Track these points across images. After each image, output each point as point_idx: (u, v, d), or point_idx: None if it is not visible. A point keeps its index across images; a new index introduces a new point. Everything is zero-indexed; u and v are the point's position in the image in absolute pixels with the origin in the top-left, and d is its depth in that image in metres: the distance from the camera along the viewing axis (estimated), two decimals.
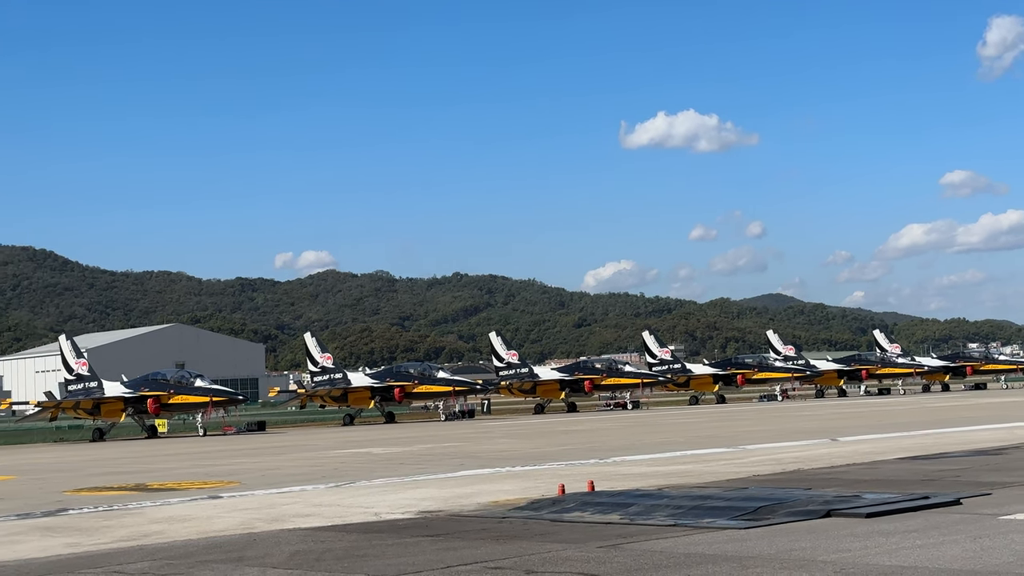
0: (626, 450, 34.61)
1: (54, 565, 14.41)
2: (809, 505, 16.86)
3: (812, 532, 14.57)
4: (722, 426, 50.29)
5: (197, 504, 22.32)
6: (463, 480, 25.57)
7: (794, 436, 38.51)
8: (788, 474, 23.52)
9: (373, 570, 12.84)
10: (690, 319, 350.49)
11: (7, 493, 27.60)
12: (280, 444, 50.78)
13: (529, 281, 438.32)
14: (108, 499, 24.31)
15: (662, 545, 13.95)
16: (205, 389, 67.91)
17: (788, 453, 30.11)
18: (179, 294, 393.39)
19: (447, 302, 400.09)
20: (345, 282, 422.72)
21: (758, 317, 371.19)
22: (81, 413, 71.29)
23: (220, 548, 15.32)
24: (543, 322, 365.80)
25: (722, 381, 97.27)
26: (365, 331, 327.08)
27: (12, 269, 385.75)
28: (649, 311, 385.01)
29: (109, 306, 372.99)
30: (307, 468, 32.41)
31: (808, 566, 11.96)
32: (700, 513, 16.68)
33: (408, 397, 78.03)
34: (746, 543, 13.87)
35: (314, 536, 16.18)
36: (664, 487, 21.08)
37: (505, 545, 14.47)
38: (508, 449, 38.53)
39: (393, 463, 33.13)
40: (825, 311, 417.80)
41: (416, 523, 17.41)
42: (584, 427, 55.66)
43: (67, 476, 33.50)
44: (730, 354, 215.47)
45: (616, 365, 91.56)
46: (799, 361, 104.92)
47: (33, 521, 20.31)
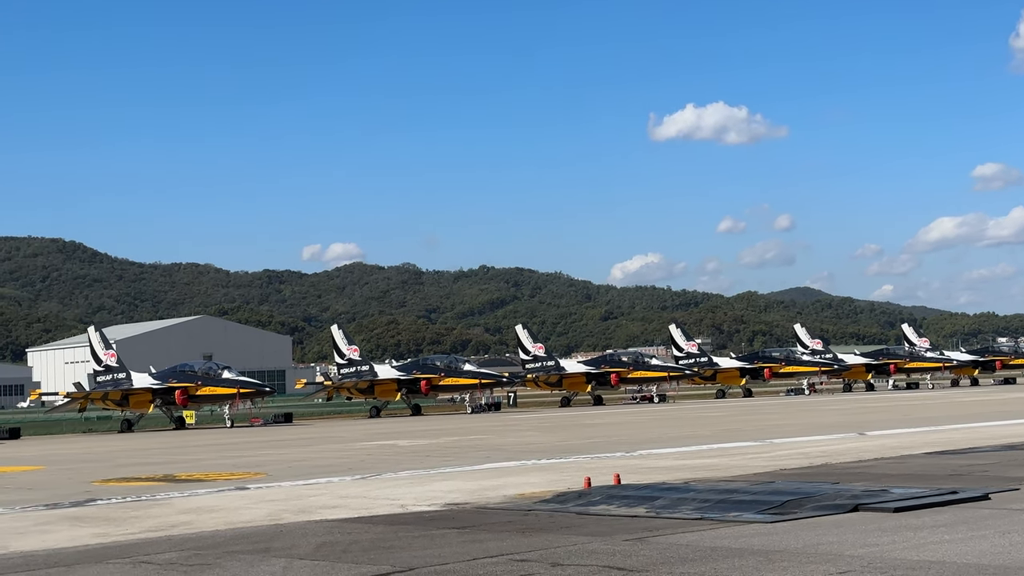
0: (652, 443, 34.56)
1: (83, 555, 14.49)
2: (836, 499, 16.79)
3: (839, 526, 14.51)
4: (749, 420, 50.13)
5: (224, 495, 22.41)
6: (489, 473, 25.59)
7: (821, 430, 38.36)
8: (815, 468, 23.42)
9: (400, 562, 12.86)
10: (717, 312, 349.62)
11: (37, 483, 27.80)
12: (307, 436, 50.92)
13: (556, 274, 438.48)
14: (136, 490, 24.44)
15: (688, 538, 13.92)
16: (233, 381, 68.15)
17: (815, 447, 30.00)
18: (207, 286, 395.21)
19: (474, 295, 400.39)
20: (372, 274, 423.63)
21: (785, 311, 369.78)
22: (110, 404, 71.63)
23: (247, 539, 15.38)
24: (569, 315, 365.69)
25: (749, 375, 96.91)
26: (392, 323, 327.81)
27: (42, 261, 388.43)
28: (676, 304, 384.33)
29: (138, 298, 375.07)
30: (334, 460, 32.49)
31: (835, 560, 11.91)
32: (726, 507, 16.63)
33: (434, 390, 78.09)
34: (773, 537, 13.83)
35: (340, 528, 16.21)
36: (690, 480, 21.03)
37: (531, 538, 14.47)
38: (534, 442, 38.53)
39: (419, 455, 33.18)
40: (853, 305, 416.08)
41: (442, 515, 17.43)
42: (610, 420, 55.59)
43: (96, 467, 33.70)
44: (757, 348, 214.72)
45: (643, 358, 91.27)
46: (827, 355, 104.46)
47: (62, 511, 20.44)
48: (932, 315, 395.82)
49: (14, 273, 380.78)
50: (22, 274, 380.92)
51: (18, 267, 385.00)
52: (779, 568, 11.57)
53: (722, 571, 11.50)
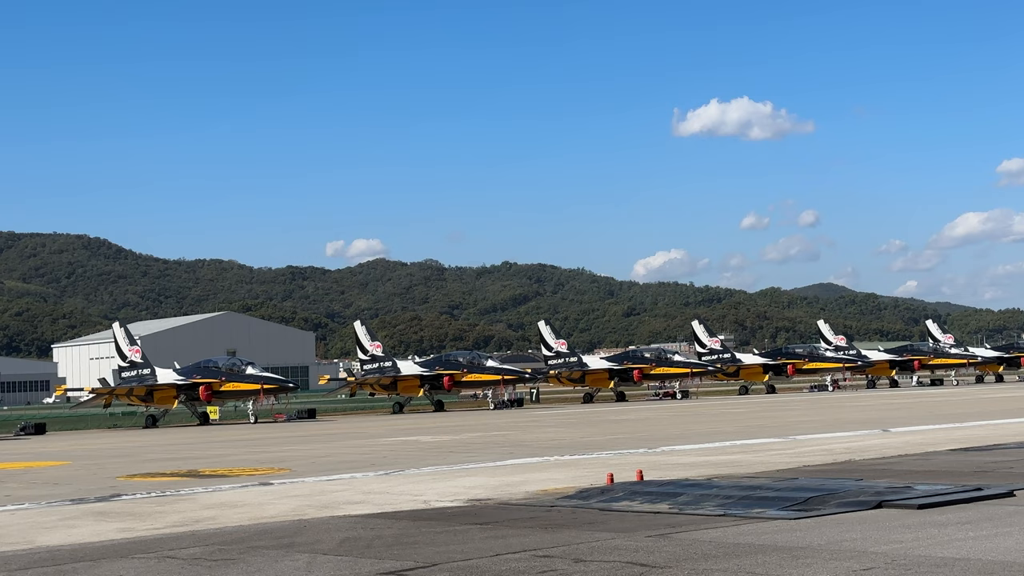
0: (675, 440, 34.53)
1: (108, 549, 14.58)
2: (860, 496, 16.74)
3: (863, 523, 14.47)
4: (772, 416, 50.01)
5: (248, 490, 22.50)
6: (512, 468, 25.61)
7: (845, 427, 38.23)
8: (839, 465, 23.36)
9: (422, 557, 12.89)
10: (740, 309, 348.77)
11: (62, 478, 27.96)
12: (330, 432, 51.06)
13: (578, 270, 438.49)
14: (161, 485, 24.56)
15: (711, 535, 13.91)
16: (256, 377, 68.35)
17: (839, 444, 29.91)
18: (231, 282, 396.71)
19: (496, 291, 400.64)
20: (395, 271, 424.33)
21: (809, 307, 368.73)
22: (134, 400, 71.97)
23: (271, 534, 15.44)
24: (592, 311, 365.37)
25: (772, 371, 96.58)
26: (414, 320, 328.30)
27: (67, 257, 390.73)
28: (698, 300, 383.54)
29: (162, 294, 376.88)
30: (357, 456, 32.57)
31: (859, 557, 11.88)
32: (750, 503, 16.61)
33: (457, 386, 78.13)
34: (796, 533, 13.80)
35: (364, 523, 16.26)
36: (713, 477, 21.01)
37: (554, 534, 14.48)
38: (557, 438, 38.53)
39: (442, 451, 33.23)
40: (877, 301, 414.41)
41: (465, 511, 17.46)
42: (633, 416, 55.55)
43: (121, 462, 33.88)
44: (780, 344, 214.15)
45: (665, 354, 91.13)
46: (850, 351, 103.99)
47: (87, 506, 20.56)
48: (956, 311, 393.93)
49: (40, 270, 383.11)
50: (47, 271, 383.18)
51: (43, 264, 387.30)
52: (802, 565, 11.55)
53: (745, 567, 11.49)
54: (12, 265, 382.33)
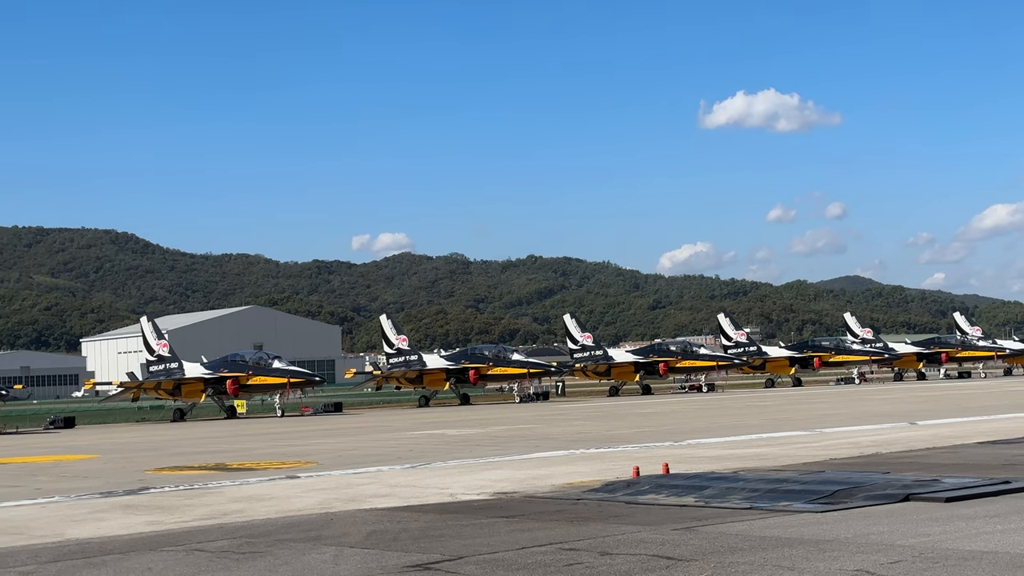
0: (701, 433, 34.49)
1: (136, 542, 14.67)
2: (887, 489, 16.68)
3: (890, 516, 14.42)
4: (798, 409, 49.87)
5: (275, 484, 22.60)
6: (538, 462, 25.63)
7: (872, 419, 38.10)
8: (866, 458, 23.28)
9: (449, 550, 12.92)
10: (766, 301, 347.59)
11: (91, 472, 28.15)
12: (356, 425, 51.21)
13: (604, 263, 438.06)
14: (188, 478, 24.70)
15: (737, 528, 13.89)
16: (283, 370, 68.63)
17: (866, 437, 29.81)
18: (257, 276, 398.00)
19: (522, 284, 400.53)
20: (420, 264, 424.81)
21: (835, 299, 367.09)
22: (162, 394, 72.36)
23: (298, 527, 15.51)
24: (617, 304, 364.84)
25: (798, 364, 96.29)
26: (440, 313, 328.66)
27: (95, 252, 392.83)
28: (724, 293, 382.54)
29: (189, 288, 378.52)
30: (383, 449, 32.67)
31: (886, 550, 11.84)
32: (776, 496, 16.57)
33: (483, 379, 78.21)
34: (823, 527, 13.77)
35: (390, 516, 16.30)
36: (739, 470, 20.97)
37: (580, 527, 14.49)
38: (583, 431, 38.54)
39: (468, 444, 33.28)
40: (904, 293, 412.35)
41: (491, 504, 17.49)
42: (659, 410, 55.50)
43: (149, 455, 34.07)
44: (806, 337, 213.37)
45: (691, 347, 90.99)
46: (877, 344, 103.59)
47: (116, 499, 20.69)
48: (984, 303, 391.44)
49: (68, 264, 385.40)
50: (76, 265, 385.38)
51: (72, 258, 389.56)
52: (829, 558, 11.53)
53: (771, 561, 11.47)
54: (41, 260, 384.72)
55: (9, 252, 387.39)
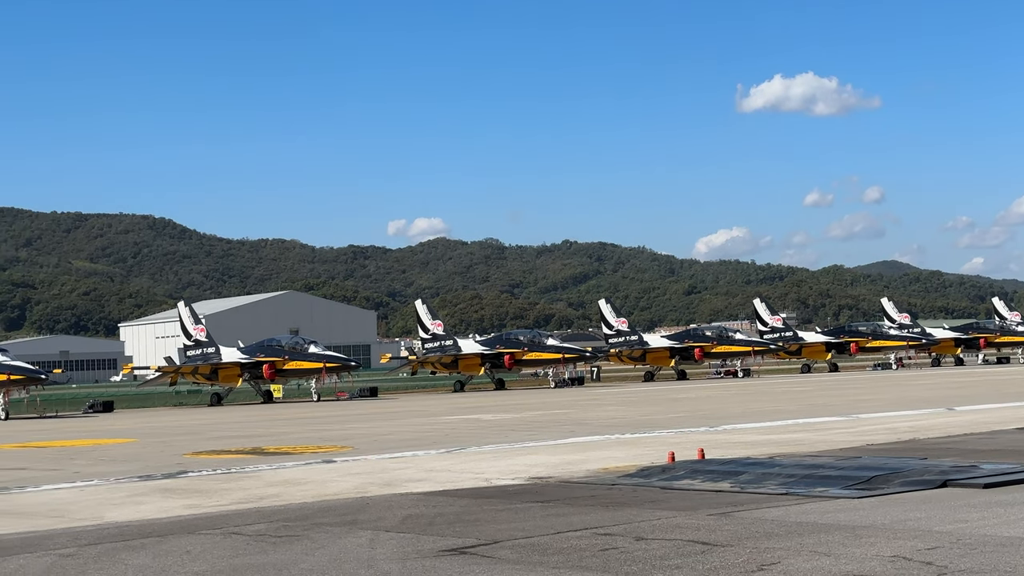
0: (737, 418, 34.39)
1: (175, 525, 14.79)
2: (924, 475, 16.59)
3: (927, 502, 14.34)
4: (835, 394, 49.63)
5: (312, 468, 22.72)
6: (573, 447, 25.64)
7: (909, 405, 37.88)
8: (903, 443, 23.16)
9: (484, 535, 12.96)
10: (802, 287, 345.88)
11: (130, 456, 28.38)
12: (392, 410, 51.37)
13: (639, 248, 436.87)
14: (226, 462, 24.85)
15: (773, 514, 13.86)
16: (319, 355, 68.89)
17: (903, 422, 29.64)
18: (293, 262, 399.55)
19: (557, 269, 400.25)
20: (455, 250, 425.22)
21: (872, 284, 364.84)
22: (199, 378, 72.78)
23: (334, 511, 15.59)
24: (653, 289, 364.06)
25: (835, 349, 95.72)
26: (475, 298, 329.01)
27: (133, 237, 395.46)
28: (760, 278, 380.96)
29: (226, 273, 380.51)
30: (418, 434, 32.75)
31: (923, 536, 11.79)
32: (812, 482, 16.52)
33: (518, 364, 78.23)
34: (859, 512, 13.71)
35: (426, 501, 16.36)
36: (775, 455, 20.91)
37: (615, 512, 14.49)
38: (617, 416, 38.51)
39: (503, 429, 33.32)
40: (942, 278, 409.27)
41: (526, 489, 17.51)
42: (694, 395, 55.37)
43: (186, 439, 34.30)
44: (843, 322, 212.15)
45: (727, 333, 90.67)
46: (915, 329, 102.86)
47: (154, 483, 20.86)
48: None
49: (106, 249, 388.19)
50: (114, 250, 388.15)
51: (110, 244, 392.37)
52: (866, 544, 11.48)
53: (807, 546, 11.44)
54: (80, 245, 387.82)
55: (48, 238, 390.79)
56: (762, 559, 10.84)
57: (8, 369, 57.44)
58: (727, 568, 10.46)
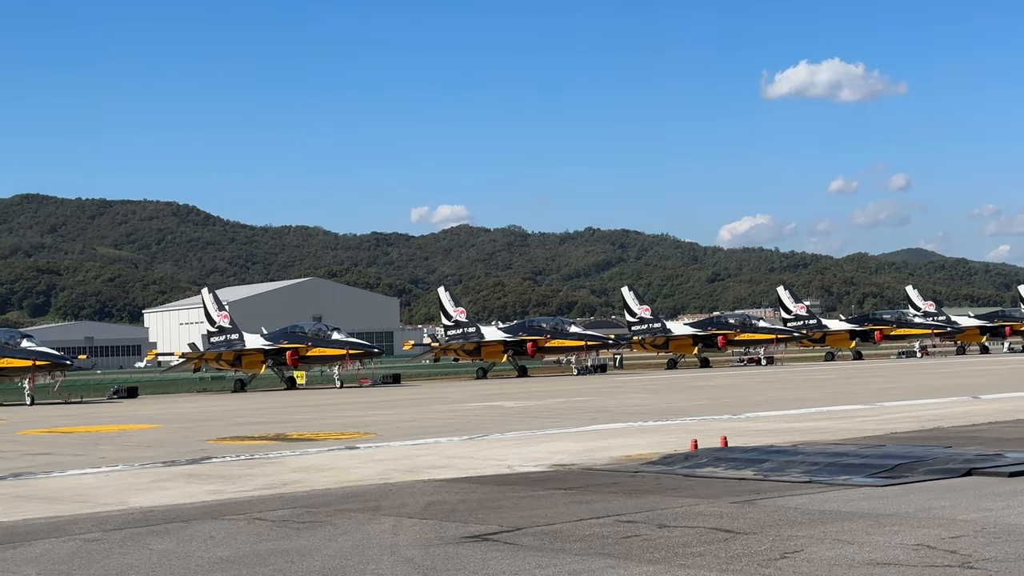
0: (760, 406, 34.32)
1: (199, 510, 14.87)
2: (949, 463, 16.52)
3: (952, 491, 14.28)
4: (859, 382, 49.47)
5: (335, 454, 22.78)
6: (595, 434, 25.64)
7: (933, 393, 37.72)
8: (927, 432, 23.07)
9: (507, 522, 12.97)
10: (826, 274, 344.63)
11: (154, 441, 28.53)
12: (414, 397, 51.47)
13: (662, 236, 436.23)
14: (249, 448, 24.96)
15: (796, 502, 13.83)
16: (342, 342, 69.04)
17: (927, 411, 29.52)
18: (316, 248, 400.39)
19: (580, 256, 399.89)
20: (478, 237, 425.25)
21: (897, 272, 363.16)
22: (223, 364, 73.08)
23: (357, 497, 15.63)
24: (676, 277, 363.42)
25: (859, 337, 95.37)
26: (498, 285, 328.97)
27: (157, 224, 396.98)
28: (784, 266, 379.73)
29: (249, 260, 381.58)
30: (441, 420, 32.80)
31: (948, 525, 11.74)
32: (835, 470, 16.47)
33: (540, 351, 78.26)
34: (883, 501, 13.67)
35: (448, 487, 16.38)
36: (799, 443, 20.85)
37: (637, 499, 14.49)
38: (640, 404, 38.49)
39: (526, 416, 33.35)
40: (967, 266, 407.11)
41: (549, 476, 17.52)
42: (717, 382, 55.28)
43: (210, 425, 34.46)
44: (867, 310, 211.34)
45: (750, 320, 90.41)
46: (939, 317, 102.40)
47: (178, 468, 20.97)
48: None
49: (131, 236, 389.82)
50: (138, 237, 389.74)
51: (134, 230, 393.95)
52: (889, 532, 11.44)
53: (831, 535, 11.41)
54: (104, 232, 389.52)
55: (73, 224, 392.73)
56: (785, 547, 10.81)
57: (34, 355, 57.80)
58: (750, 556, 10.44)
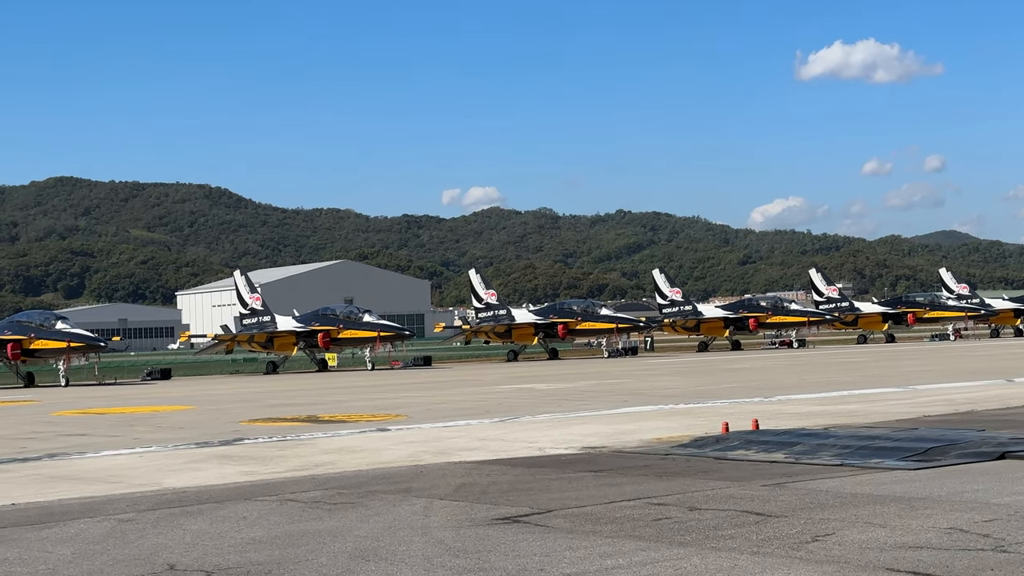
0: (791, 389, 34.20)
1: (232, 491, 14.96)
2: (982, 447, 16.43)
3: (985, 474, 14.20)
4: (891, 365, 49.21)
5: (366, 436, 22.86)
6: (626, 417, 25.63)
7: (967, 376, 37.47)
8: (960, 415, 22.94)
9: (537, 504, 12.99)
10: (858, 257, 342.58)
11: (187, 423, 28.71)
12: (445, 379, 51.57)
13: (693, 218, 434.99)
14: (281, 430, 25.09)
15: (828, 485, 13.79)
16: (373, 324, 69.15)
17: (960, 394, 29.35)
18: (348, 231, 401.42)
19: (611, 239, 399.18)
20: (509, 219, 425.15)
21: (930, 255, 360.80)
22: (255, 346, 73.39)
23: (388, 479, 15.69)
24: (707, 259, 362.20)
25: (891, 320, 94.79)
26: (529, 268, 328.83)
27: (189, 207, 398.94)
28: (816, 248, 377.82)
29: (281, 242, 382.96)
30: (472, 403, 32.86)
31: (981, 508, 11.68)
32: (867, 453, 16.41)
33: (571, 334, 78.19)
34: (915, 484, 13.61)
35: (479, 469, 16.42)
36: (830, 427, 20.78)
37: (668, 482, 14.48)
38: (671, 386, 38.43)
39: (556, 399, 33.36)
40: (1002, 248, 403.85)
41: (580, 458, 17.53)
42: (748, 365, 55.11)
43: (242, 407, 34.64)
44: (900, 293, 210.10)
45: (782, 303, 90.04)
46: (973, 300, 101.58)
47: (211, 449, 21.10)
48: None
49: (163, 219, 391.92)
50: (171, 219, 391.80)
51: (167, 213, 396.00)
52: (922, 515, 11.40)
53: (863, 518, 11.37)
54: (137, 214, 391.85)
55: (106, 207, 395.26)
56: (816, 530, 10.79)
57: (68, 337, 58.23)
58: (781, 539, 10.42)
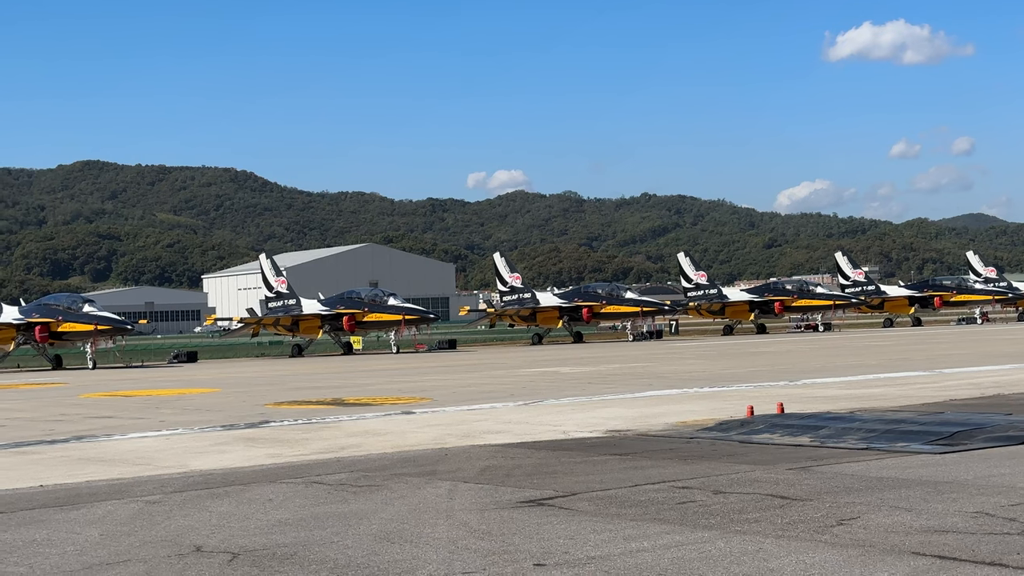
0: (817, 372, 34.10)
1: (258, 474, 15.04)
2: (1009, 431, 16.36)
3: (1012, 458, 14.15)
4: (917, 349, 49.00)
5: (391, 419, 22.93)
6: (651, 400, 25.62)
7: (994, 360, 37.27)
8: (987, 399, 22.83)
9: (562, 487, 13.01)
10: (885, 240, 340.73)
11: (213, 405, 28.85)
12: (470, 362, 51.64)
13: (719, 201, 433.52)
14: (307, 412, 25.19)
15: (853, 468, 13.76)
16: (398, 308, 69.31)
17: (987, 377, 29.20)
18: (372, 214, 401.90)
19: (635, 222, 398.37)
20: (534, 203, 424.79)
21: (957, 238, 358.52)
22: (280, 329, 73.66)
23: (414, 462, 15.74)
24: (732, 243, 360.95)
25: (918, 303, 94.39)
26: (553, 251, 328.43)
27: (215, 190, 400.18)
28: (842, 232, 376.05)
29: (306, 226, 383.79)
30: (497, 386, 32.91)
31: (1007, 492, 11.63)
32: (893, 437, 16.36)
33: (596, 317, 78.16)
34: (941, 468, 13.57)
35: (504, 452, 16.46)
36: (856, 410, 20.72)
37: (693, 465, 14.48)
38: (696, 370, 38.37)
39: (581, 382, 33.37)
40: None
41: (604, 442, 17.54)
42: (773, 349, 54.97)
43: (268, 390, 34.79)
44: (927, 276, 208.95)
45: (807, 286, 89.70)
46: (1001, 283, 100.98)
47: (238, 432, 21.20)
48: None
49: (190, 202, 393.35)
50: (197, 203, 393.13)
51: (193, 196, 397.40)
52: (948, 499, 11.36)
53: (888, 502, 11.34)
54: (163, 198, 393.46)
55: (133, 190, 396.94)
56: (841, 514, 10.77)
57: (95, 320, 58.60)
58: (806, 522, 10.41)
